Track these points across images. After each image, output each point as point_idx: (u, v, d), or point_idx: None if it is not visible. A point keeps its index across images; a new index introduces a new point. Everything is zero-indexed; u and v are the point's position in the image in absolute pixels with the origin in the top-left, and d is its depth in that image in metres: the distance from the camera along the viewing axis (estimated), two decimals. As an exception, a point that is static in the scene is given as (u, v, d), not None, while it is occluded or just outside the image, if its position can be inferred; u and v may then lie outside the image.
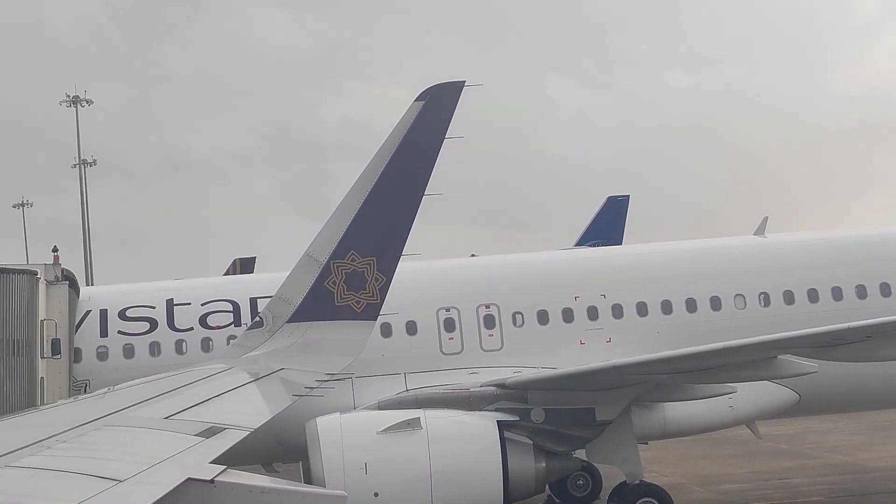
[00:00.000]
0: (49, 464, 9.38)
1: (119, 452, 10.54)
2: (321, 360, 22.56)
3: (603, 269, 29.10)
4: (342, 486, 21.76)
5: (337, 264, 23.88)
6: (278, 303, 24.04)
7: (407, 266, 27.86)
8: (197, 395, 15.75)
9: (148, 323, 26.36)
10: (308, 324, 23.77)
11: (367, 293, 23.97)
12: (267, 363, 21.73)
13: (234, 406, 15.86)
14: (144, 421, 12.67)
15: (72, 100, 76.15)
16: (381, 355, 26.36)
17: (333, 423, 23.11)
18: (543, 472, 23.93)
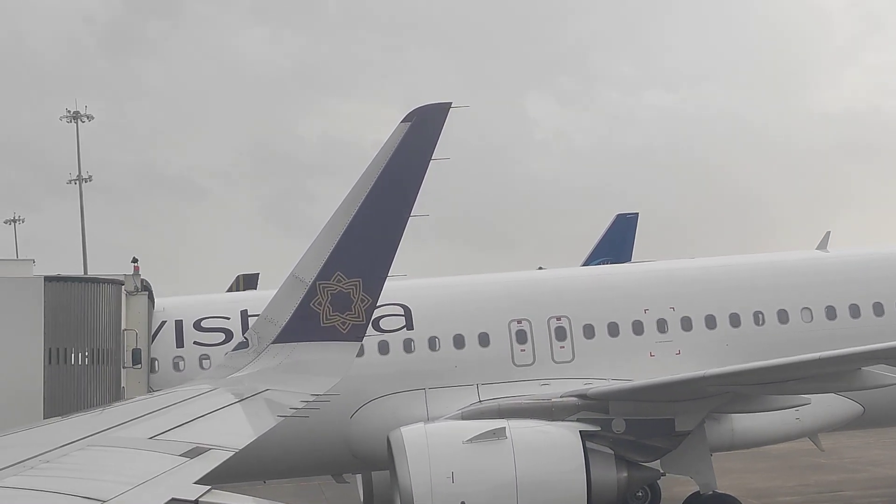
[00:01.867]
0: (32, 483, 9.33)
1: (103, 472, 10.48)
2: (307, 381, 22.49)
3: (671, 283, 29.46)
4: (429, 495, 22.49)
5: (323, 285, 23.83)
6: (264, 323, 23.99)
7: (478, 278, 28.24)
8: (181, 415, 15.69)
9: (223, 334, 26.54)
10: (294, 344, 23.71)
11: (353, 314, 23.92)
12: (252, 384, 21.63)
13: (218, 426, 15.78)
14: (128, 441, 12.61)
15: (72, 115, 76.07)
16: (454, 366, 26.68)
17: (419, 432, 23.63)
18: (625, 482, 24.44)
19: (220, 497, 9.76)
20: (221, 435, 14.20)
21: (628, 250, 59.43)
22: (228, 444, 13.08)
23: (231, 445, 13.12)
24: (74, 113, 76.31)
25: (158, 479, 10.25)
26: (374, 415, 26.31)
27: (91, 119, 77.25)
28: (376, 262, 24.10)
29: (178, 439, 12.74)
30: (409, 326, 27.02)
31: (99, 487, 9.40)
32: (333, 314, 23.88)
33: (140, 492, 9.50)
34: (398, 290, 28.07)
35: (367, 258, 24.04)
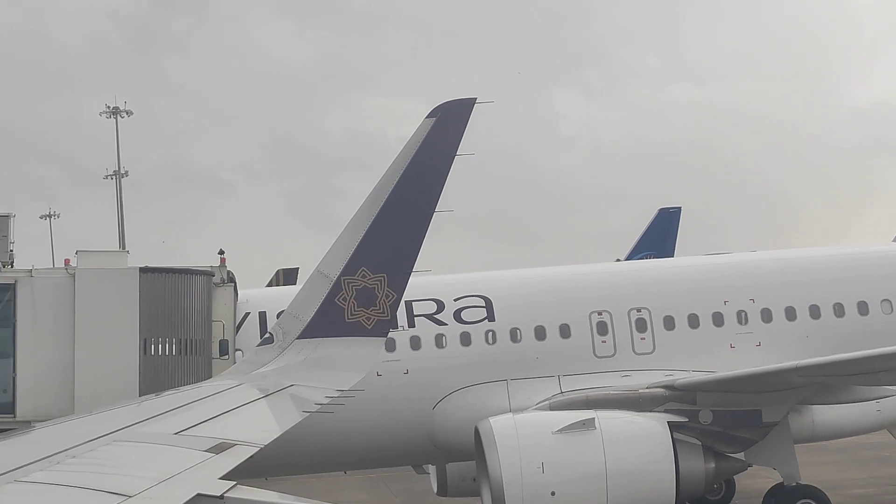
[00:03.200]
0: (59, 479, 9.38)
1: (129, 468, 10.53)
2: (331, 377, 22.52)
3: (751, 275, 29.47)
4: (520, 485, 22.76)
5: (348, 280, 23.85)
6: (289, 319, 24.03)
7: (557, 270, 28.40)
8: (207, 410, 15.74)
9: None
10: (318, 340, 23.75)
11: (378, 310, 23.96)
12: (277, 379, 21.68)
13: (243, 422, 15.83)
14: (154, 436, 12.66)
15: (111, 110, 76.38)
16: (536, 358, 26.83)
17: (508, 423, 23.86)
18: (712, 472, 24.70)
19: (246, 493, 9.79)
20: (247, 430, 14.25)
21: (671, 245, 59.20)
22: (254, 440, 13.12)
23: (256, 441, 13.17)
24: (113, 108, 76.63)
25: (184, 474, 10.29)
26: (457, 406, 26.49)
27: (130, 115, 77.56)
28: (401, 257, 24.11)
29: (203, 435, 12.79)
30: (491, 318, 27.11)
31: (125, 483, 9.45)
32: (358, 309, 23.91)
33: (165, 487, 9.54)
34: (479, 282, 28.40)
35: (392, 254, 24.05)
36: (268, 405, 18.92)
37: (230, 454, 11.73)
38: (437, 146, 23.98)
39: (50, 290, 26.98)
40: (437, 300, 27.19)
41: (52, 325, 26.87)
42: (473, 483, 29.71)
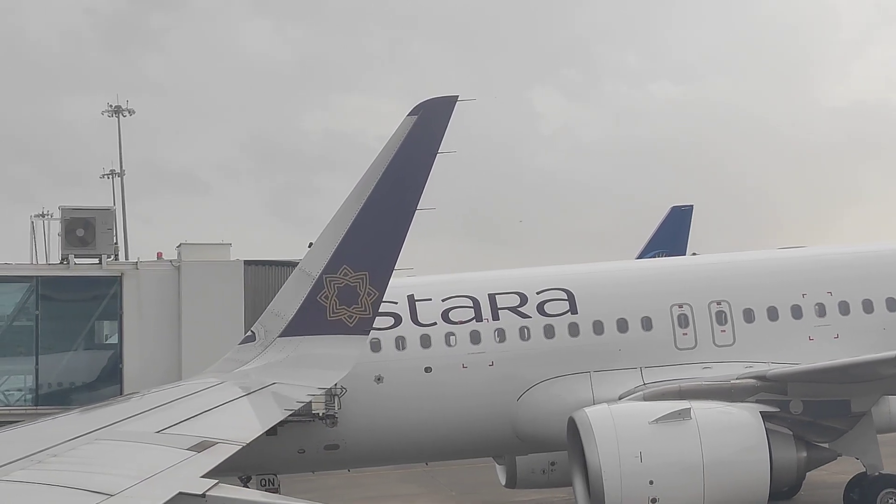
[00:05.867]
0: (40, 478, 9.36)
1: (111, 466, 10.51)
2: (313, 375, 22.53)
3: (828, 268, 29.76)
4: (618, 475, 23.26)
5: (329, 279, 23.84)
6: (270, 317, 24.00)
7: (638, 263, 28.59)
8: (188, 409, 15.73)
9: (392, 318, 26.78)
10: (300, 338, 23.72)
11: (360, 307, 23.95)
12: (259, 377, 21.67)
13: (225, 420, 15.82)
14: (136, 435, 12.64)
15: (113, 110, 76.17)
16: (618, 350, 27.08)
17: (604, 413, 24.32)
18: (804, 462, 25.26)
19: (228, 491, 9.79)
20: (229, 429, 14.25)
21: (683, 243, 59.09)
22: (236, 438, 13.13)
23: (238, 439, 13.17)
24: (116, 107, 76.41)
25: (166, 472, 10.28)
26: (541, 397, 26.72)
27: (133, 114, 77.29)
28: (383, 255, 24.11)
29: (185, 433, 12.78)
30: (574, 310, 27.30)
31: (106, 481, 9.43)
32: (340, 307, 23.92)
33: (147, 486, 9.53)
34: (561, 275, 28.56)
35: (373, 252, 24.05)
36: (250, 403, 18.90)
37: (212, 452, 11.72)
38: (418, 144, 23.97)
39: (155, 283, 27.31)
40: (520, 293, 27.37)
41: (157, 317, 27.20)
42: (542, 475, 30.34)
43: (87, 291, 27.91)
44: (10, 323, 28.12)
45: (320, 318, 23.88)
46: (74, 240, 27.38)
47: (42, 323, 27.46)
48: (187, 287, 27.16)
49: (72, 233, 27.34)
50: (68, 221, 27.42)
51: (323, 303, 23.91)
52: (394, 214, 23.99)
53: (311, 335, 23.81)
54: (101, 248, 27.52)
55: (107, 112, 76.79)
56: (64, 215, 27.68)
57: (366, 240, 23.95)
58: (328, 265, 23.84)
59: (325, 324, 23.91)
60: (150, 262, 27.95)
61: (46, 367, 27.38)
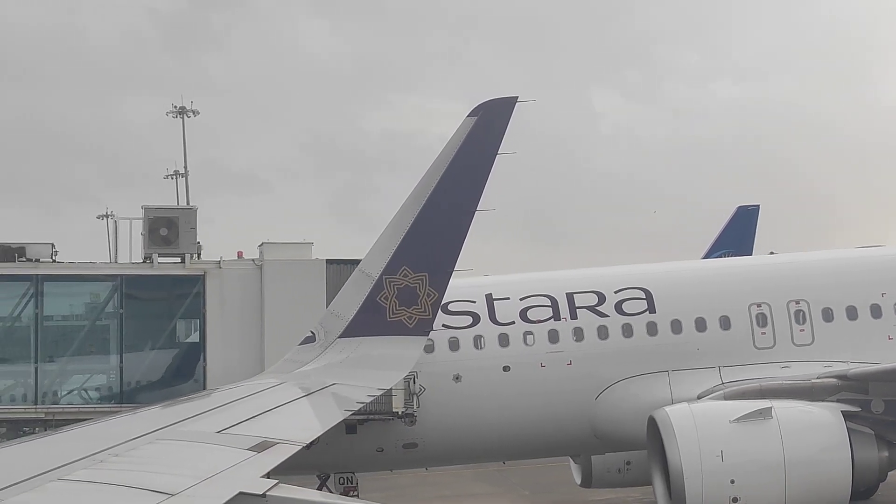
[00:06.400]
0: (102, 477, 9.40)
1: (171, 466, 10.54)
2: (373, 376, 22.55)
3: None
4: (699, 473, 23.21)
5: (389, 280, 23.87)
6: (330, 318, 24.06)
7: (715, 262, 28.53)
8: (249, 409, 15.78)
9: (470, 317, 26.73)
10: (360, 339, 23.78)
11: (420, 308, 23.97)
12: (319, 378, 21.72)
13: (285, 421, 15.86)
14: (196, 435, 12.68)
15: (178, 110, 76.77)
16: (696, 349, 26.95)
17: (685, 412, 24.24)
18: (886, 461, 24.99)
19: (288, 491, 9.78)
20: (289, 429, 14.25)
21: (749, 243, 58.59)
22: (296, 438, 13.12)
23: (298, 439, 13.16)
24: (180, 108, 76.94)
25: (226, 472, 10.29)
26: (620, 396, 26.68)
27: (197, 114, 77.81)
28: (443, 256, 24.10)
29: (245, 433, 12.80)
30: (652, 309, 27.14)
31: (167, 481, 9.46)
32: (400, 308, 23.94)
33: (208, 486, 9.54)
34: (639, 274, 28.48)
35: (433, 253, 24.05)
36: (309, 404, 18.95)
37: (272, 453, 11.73)
38: (478, 145, 23.94)
39: (238, 282, 27.50)
40: (598, 292, 27.26)
41: (240, 316, 27.32)
42: (618, 474, 30.18)
43: (170, 290, 28.20)
44: (94, 322, 28.50)
45: (380, 318, 23.91)
46: (158, 239, 27.67)
47: (126, 321, 27.83)
48: (269, 286, 27.31)
49: (155, 232, 27.62)
50: (152, 221, 27.73)
51: (383, 304, 23.94)
52: (454, 215, 23.97)
53: (370, 336, 23.85)
54: (185, 248, 27.80)
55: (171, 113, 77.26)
56: (147, 215, 27.99)
57: (426, 241, 23.95)
58: (388, 266, 23.86)
59: (385, 325, 23.94)
60: (233, 261, 28.16)
61: (130, 365, 27.72)
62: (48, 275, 27.72)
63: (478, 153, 23.99)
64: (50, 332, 28.14)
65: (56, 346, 28.07)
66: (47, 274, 27.71)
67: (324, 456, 25.03)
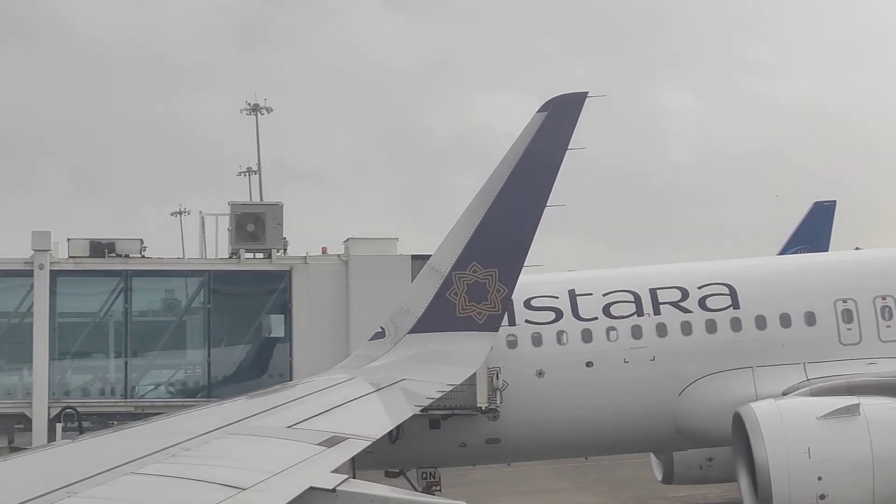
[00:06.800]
0: (173, 471, 9.48)
1: (242, 461, 10.62)
2: (443, 371, 22.57)
3: None
4: (786, 470, 23.14)
5: (459, 275, 23.90)
6: (400, 313, 24.13)
7: (800, 258, 28.66)
8: (319, 404, 15.84)
9: (553, 312, 26.78)
10: (430, 335, 23.83)
11: (489, 304, 23.98)
12: (388, 373, 21.77)
13: (355, 416, 15.91)
14: (267, 430, 12.76)
15: (252, 108, 77.38)
16: (781, 345, 26.88)
17: (771, 408, 24.13)
18: None
19: (358, 486, 9.81)
20: (359, 424, 14.29)
21: (826, 239, 57.94)
22: (366, 434, 13.15)
23: (368, 434, 13.19)
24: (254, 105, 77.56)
25: (296, 467, 10.35)
26: (704, 392, 26.61)
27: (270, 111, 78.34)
28: (512, 252, 24.09)
29: (316, 428, 12.86)
30: (736, 305, 27.01)
31: (238, 475, 9.53)
32: (469, 304, 23.96)
33: (278, 480, 9.60)
34: (723, 270, 28.36)
35: (503, 249, 24.05)
36: (379, 399, 18.99)
37: (342, 447, 11.77)
38: (548, 141, 23.91)
39: (324, 277, 27.74)
40: (682, 288, 27.20)
41: (326, 311, 27.54)
42: (700, 471, 30.06)
43: (256, 285, 28.56)
44: (182, 317, 28.90)
45: (450, 314, 23.95)
46: (245, 235, 28.00)
47: (213, 316, 28.20)
48: (355, 281, 27.51)
49: (242, 228, 27.97)
50: (238, 217, 28.08)
51: (452, 299, 23.98)
52: (523, 211, 23.95)
53: (440, 332, 23.90)
54: (271, 243, 28.14)
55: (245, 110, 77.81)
56: (234, 211, 28.35)
57: (495, 237, 23.96)
58: (458, 262, 23.90)
59: (455, 320, 23.97)
60: (319, 256, 28.38)
61: (217, 359, 28.09)
62: (137, 270, 28.19)
63: (547, 149, 23.96)
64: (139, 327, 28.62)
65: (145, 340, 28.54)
66: (136, 269, 28.17)
67: (407, 451, 25.18)
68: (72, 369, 28.61)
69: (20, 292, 28.42)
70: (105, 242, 28.45)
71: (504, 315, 24.39)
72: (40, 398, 27.35)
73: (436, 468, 26.61)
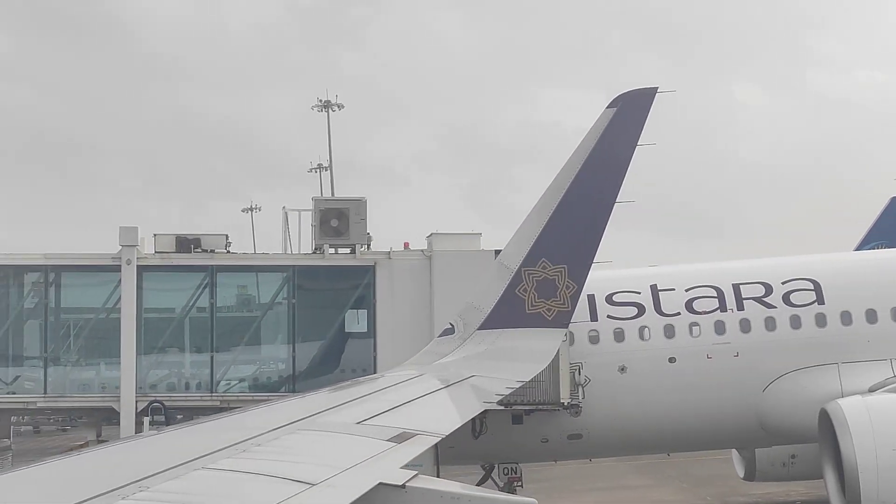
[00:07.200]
0: (244, 466, 9.55)
1: (312, 456, 10.66)
2: (512, 368, 22.54)
3: None
4: (874, 468, 22.91)
5: (528, 272, 23.87)
6: (469, 310, 24.15)
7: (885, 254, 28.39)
8: (388, 400, 15.87)
9: (635, 308, 26.76)
10: (499, 331, 23.82)
11: (559, 301, 23.93)
12: (458, 370, 21.79)
13: (424, 412, 15.91)
14: (336, 425, 12.80)
15: (323, 105, 77.82)
16: (867, 341, 26.65)
17: (858, 405, 23.89)
18: None
19: (428, 482, 9.82)
20: (428, 420, 14.30)
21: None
22: (435, 430, 13.16)
23: (437, 431, 13.20)
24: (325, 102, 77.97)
25: (366, 463, 10.37)
26: (788, 389, 26.42)
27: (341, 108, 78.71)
28: (582, 248, 24.03)
29: (385, 424, 12.88)
30: (821, 301, 26.80)
31: (308, 471, 9.57)
32: (539, 301, 23.92)
33: (347, 476, 9.63)
34: (807, 265, 28.14)
35: (572, 245, 23.99)
36: (448, 395, 19.00)
37: (412, 443, 11.78)
38: (618, 136, 23.82)
39: (408, 272, 28.29)
40: (765, 283, 26.98)
41: (409, 306, 28.10)
42: (782, 468, 29.83)
43: (340, 280, 28.95)
44: (266, 312, 29.22)
45: (519, 311, 23.93)
46: (329, 230, 28.28)
47: (297, 311, 28.45)
48: (439, 276, 27.69)
49: (326, 223, 28.25)
50: (323, 212, 28.37)
51: (521, 296, 23.96)
52: (593, 207, 23.88)
53: (509, 328, 23.88)
54: (355, 238, 28.43)
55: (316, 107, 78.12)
56: (317, 206, 28.66)
57: (564, 233, 23.90)
58: (527, 258, 23.87)
59: (524, 317, 23.95)
60: (402, 251, 28.62)
61: (302, 354, 28.37)
62: (222, 265, 28.51)
63: (617, 144, 23.87)
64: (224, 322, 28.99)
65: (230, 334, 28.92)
66: (221, 264, 28.49)
67: (490, 446, 25.22)
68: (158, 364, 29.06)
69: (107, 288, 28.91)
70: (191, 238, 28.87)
71: (573, 312, 24.28)
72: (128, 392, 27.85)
73: (517, 463, 26.60)
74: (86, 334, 29.40)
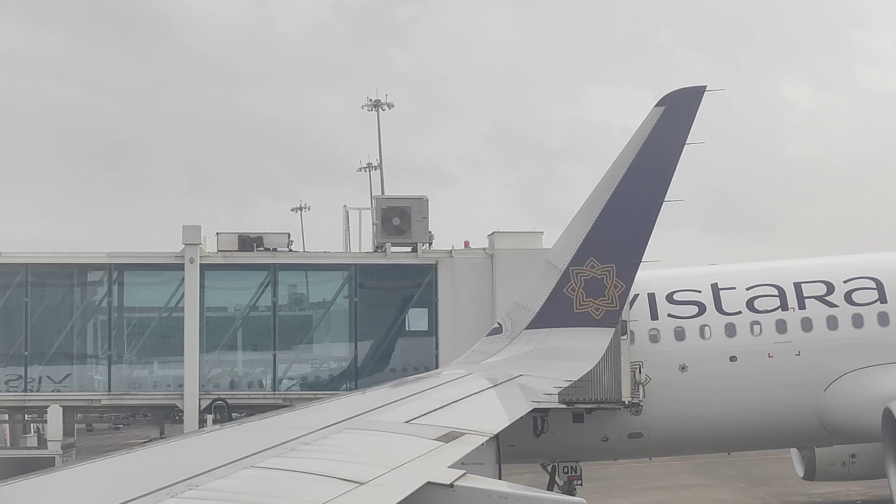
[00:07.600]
0: (292, 465, 9.58)
1: (360, 455, 10.69)
2: (560, 367, 22.51)
3: None
4: None
5: (576, 271, 23.82)
6: (517, 309, 24.14)
7: None
8: (436, 399, 15.89)
9: (696, 306, 26.71)
10: (547, 330, 23.79)
11: (607, 300, 23.86)
12: (506, 369, 21.78)
13: (472, 411, 15.92)
14: (385, 424, 12.84)
15: (373, 104, 78.09)
16: None
17: None
18: None
19: (476, 481, 9.82)
20: (476, 419, 14.30)
21: None
22: (483, 429, 13.16)
23: (485, 430, 13.19)
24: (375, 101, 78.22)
25: (414, 462, 10.39)
26: (851, 388, 26.15)
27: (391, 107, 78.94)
28: (630, 247, 23.95)
29: (433, 423, 12.89)
30: (883, 300, 26.61)
31: (356, 470, 9.59)
32: (587, 300, 23.87)
33: (396, 475, 9.64)
34: (869, 264, 27.97)
35: (620, 244, 23.91)
36: (497, 395, 19.00)
37: (460, 443, 11.79)
38: (665, 135, 23.72)
39: (469, 270, 28.34)
40: (827, 282, 26.80)
41: (471, 304, 28.14)
42: (842, 468, 29.59)
43: (402, 279, 29.11)
44: (328, 310, 29.34)
45: (567, 310, 23.89)
46: (391, 228, 28.36)
47: (359, 310, 28.55)
48: (501, 275, 27.69)
49: (388, 222, 28.33)
50: (384, 211, 28.46)
51: (569, 295, 23.92)
52: (641, 206, 23.80)
53: (557, 327, 23.85)
54: (417, 237, 28.50)
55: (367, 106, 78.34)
56: (379, 204, 28.77)
57: (612, 232, 23.84)
58: (575, 257, 23.83)
59: (572, 316, 23.90)
60: (464, 249, 28.67)
61: (364, 352, 28.48)
62: (284, 264, 28.66)
63: (665, 143, 23.78)
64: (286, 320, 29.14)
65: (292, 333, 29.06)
66: (283, 263, 28.65)
67: (550, 445, 25.20)
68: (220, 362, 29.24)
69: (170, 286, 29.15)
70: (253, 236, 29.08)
71: (621, 311, 24.22)
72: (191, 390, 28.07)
73: (577, 462, 26.57)
74: (149, 332, 29.64)
